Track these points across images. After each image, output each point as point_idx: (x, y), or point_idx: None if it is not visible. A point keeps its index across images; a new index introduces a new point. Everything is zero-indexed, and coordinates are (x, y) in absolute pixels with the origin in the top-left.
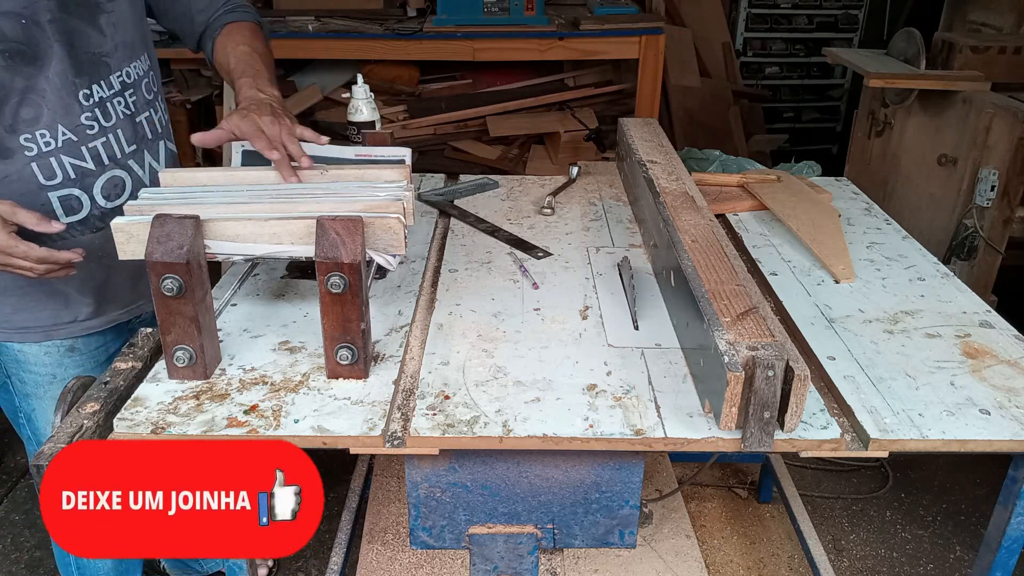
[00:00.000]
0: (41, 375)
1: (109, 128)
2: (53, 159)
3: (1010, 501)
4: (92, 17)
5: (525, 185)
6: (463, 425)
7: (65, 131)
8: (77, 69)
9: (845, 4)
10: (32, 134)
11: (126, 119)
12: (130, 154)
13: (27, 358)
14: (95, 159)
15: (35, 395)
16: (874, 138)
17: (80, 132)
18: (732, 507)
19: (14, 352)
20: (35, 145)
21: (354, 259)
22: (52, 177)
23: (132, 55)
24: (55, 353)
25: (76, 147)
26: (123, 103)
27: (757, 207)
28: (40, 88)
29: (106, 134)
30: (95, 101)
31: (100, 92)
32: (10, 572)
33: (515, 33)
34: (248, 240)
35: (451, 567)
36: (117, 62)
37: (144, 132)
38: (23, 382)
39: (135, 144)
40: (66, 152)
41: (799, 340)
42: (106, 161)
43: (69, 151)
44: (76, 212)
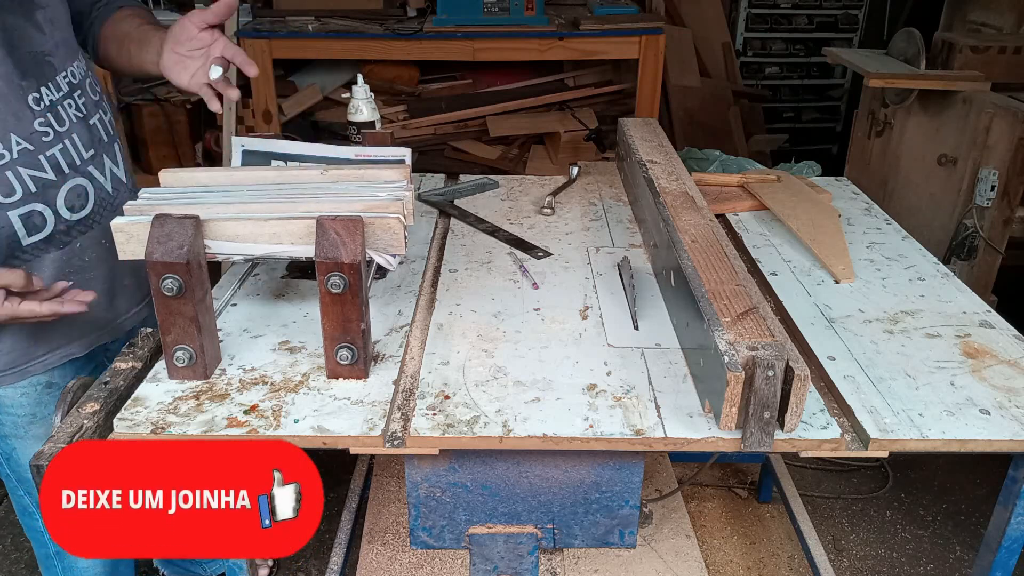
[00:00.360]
0: (20, 416)
1: (64, 133)
2: (10, 172)
3: (1010, 501)
4: (28, 13)
5: (525, 185)
6: (463, 425)
7: (19, 140)
8: (22, 71)
9: (845, 4)
10: None
11: (79, 122)
12: (89, 159)
13: (3, 400)
14: (55, 168)
15: (15, 435)
16: (874, 138)
17: (35, 140)
18: (732, 507)
19: None
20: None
21: (354, 259)
22: (11, 193)
23: (72, 54)
24: (32, 393)
25: (33, 156)
26: (74, 105)
27: (757, 207)
28: None
29: (62, 140)
30: (46, 105)
31: (50, 95)
32: (10, 572)
33: (515, 33)
34: (248, 240)
35: (451, 567)
36: (60, 61)
37: (99, 135)
38: (2, 424)
39: (92, 148)
40: (23, 163)
41: (799, 340)
42: (66, 169)
43: (26, 162)
44: (40, 230)
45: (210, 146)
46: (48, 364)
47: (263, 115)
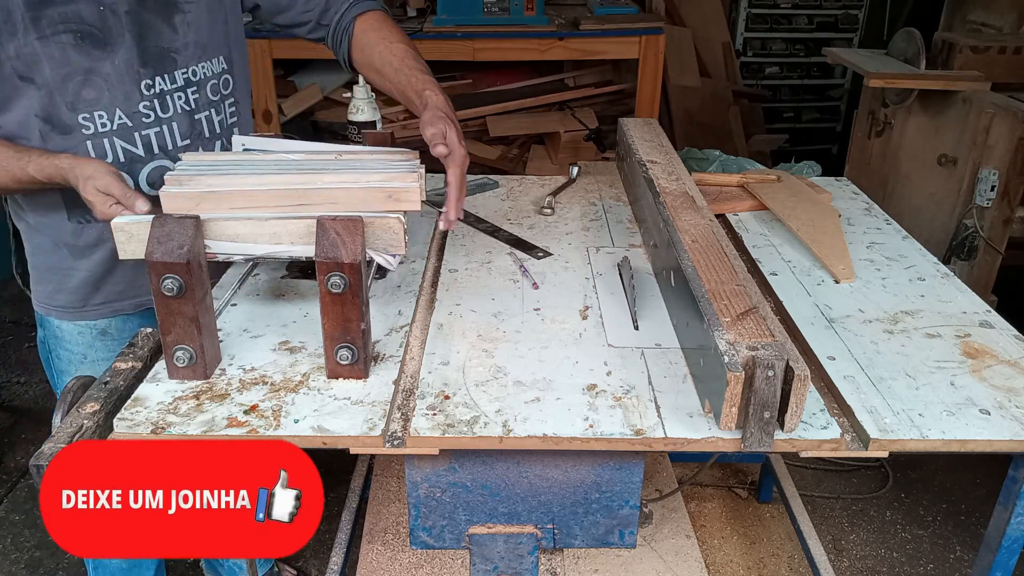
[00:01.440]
0: (74, 353)
1: (165, 120)
2: (106, 140)
3: (1010, 501)
4: (167, 14)
5: (525, 185)
6: (463, 425)
7: (122, 116)
8: (143, 59)
9: (845, 4)
10: (90, 114)
11: (184, 114)
12: (183, 147)
13: (64, 335)
14: (146, 147)
15: (68, 372)
16: (874, 138)
17: (136, 119)
18: (732, 507)
19: (54, 328)
20: (92, 124)
21: (354, 259)
22: (103, 157)
23: (203, 55)
24: (87, 334)
25: (130, 132)
26: (184, 98)
27: (757, 207)
28: (104, 72)
29: (161, 124)
30: (156, 92)
31: (162, 84)
32: (10, 572)
33: (515, 33)
34: (248, 240)
35: (451, 567)
36: (185, 59)
37: (201, 129)
38: (59, 358)
39: (190, 139)
40: (119, 136)
41: (799, 340)
42: (156, 150)
43: (122, 135)
44: None
45: None
46: (100, 313)
47: (263, 115)
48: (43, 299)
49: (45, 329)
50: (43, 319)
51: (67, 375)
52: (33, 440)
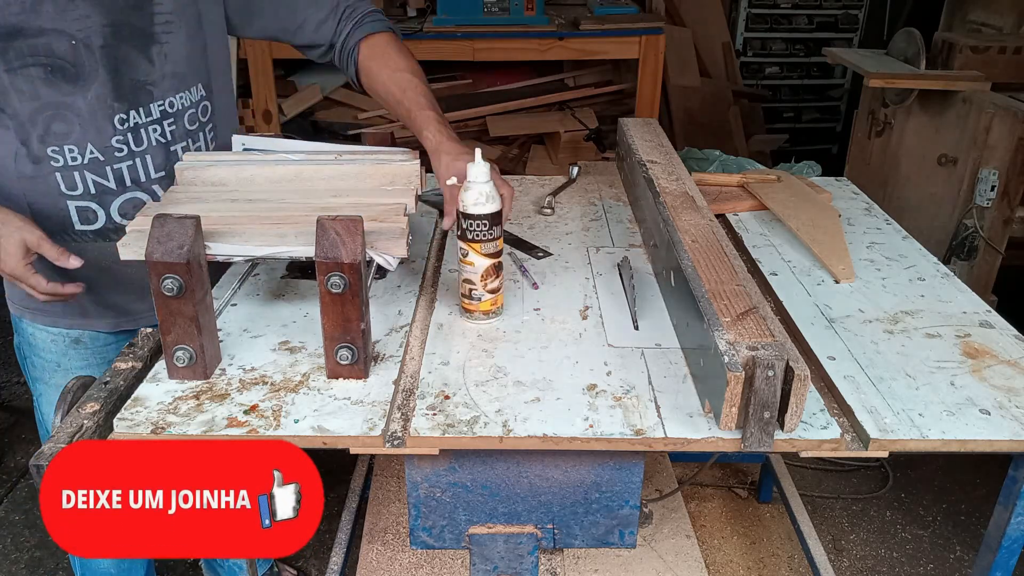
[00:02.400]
0: (47, 361)
1: (139, 153)
2: (77, 173)
3: (1010, 501)
4: (144, 46)
5: (525, 185)
6: (463, 425)
7: (93, 150)
8: (117, 94)
9: (845, 4)
10: (60, 147)
11: (159, 146)
12: (156, 179)
13: (37, 342)
14: (118, 180)
15: (41, 379)
16: (874, 138)
17: (108, 153)
18: (732, 507)
19: (28, 335)
20: (61, 158)
21: (354, 259)
22: (73, 188)
23: (180, 85)
24: (60, 342)
25: (101, 166)
26: (159, 131)
27: (757, 207)
28: (76, 107)
29: (134, 158)
30: (129, 126)
31: (136, 118)
32: (10, 572)
33: (515, 33)
34: (248, 240)
35: (451, 567)
36: (162, 91)
37: (177, 159)
38: (34, 365)
39: (164, 171)
40: (91, 169)
41: (799, 340)
42: (128, 183)
43: (94, 169)
44: (91, 223)
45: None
46: (72, 325)
47: (263, 115)
48: (17, 299)
49: (19, 335)
50: (17, 323)
51: (41, 383)
52: (33, 440)
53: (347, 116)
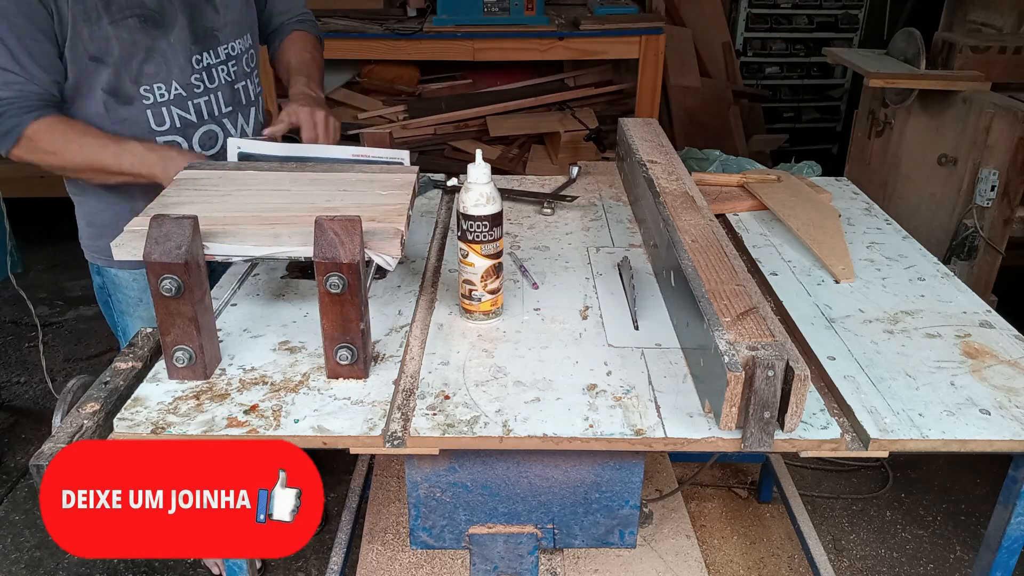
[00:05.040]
0: (131, 297)
1: (212, 89)
2: (164, 109)
3: (1010, 501)
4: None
5: (525, 185)
6: (463, 425)
7: (177, 87)
8: (194, 37)
9: (845, 4)
10: (151, 86)
11: (226, 84)
12: (226, 114)
13: (121, 281)
14: (197, 113)
15: (127, 313)
16: (874, 138)
17: (189, 89)
18: (732, 507)
19: (112, 275)
20: (152, 95)
21: (353, 259)
22: (162, 124)
23: (238, 33)
24: (141, 280)
25: (184, 101)
26: (225, 71)
27: (757, 207)
28: (162, 49)
29: (209, 94)
30: (204, 66)
31: (208, 59)
32: (10, 572)
33: (515, 33)
34: (247, 240)
35: (451, 567)
36: (226, 36)
37: (240, 98)
38: (119, 301)
39: (231, 106)
40: (176, 104)
41: (799, 340)
42: (206, 116)
43: (178, 104)
44: None
45: None
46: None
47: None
48: (102, 251)
49: (103, 277)
50: (101, 269)
51: (127, 315)
52: (33, 440)
53: (347, 116)
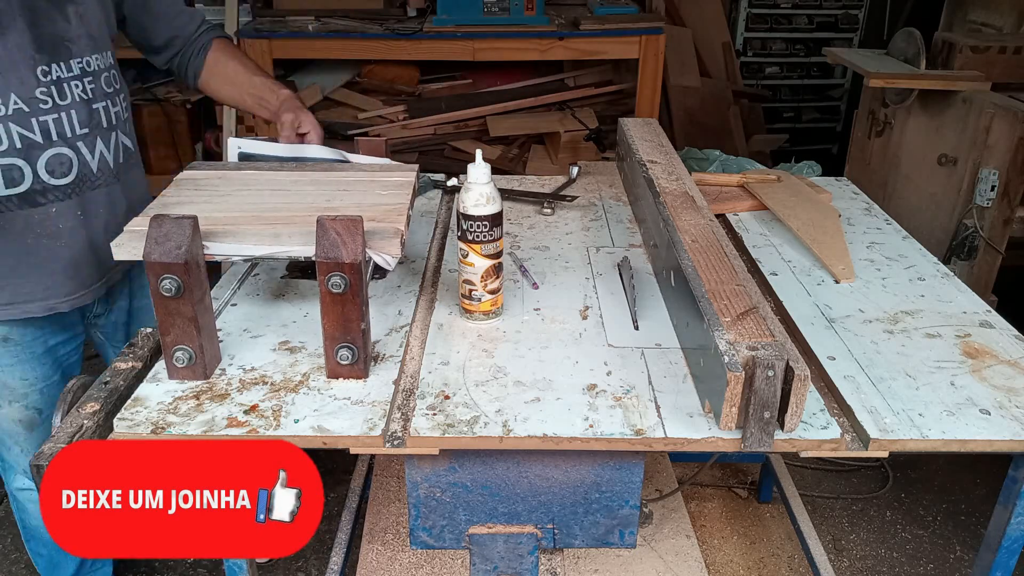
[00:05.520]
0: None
1: (63, 107)
2: (1, 126)
3: (1010, 501)
4: (60, 4)
5: (525, 185)
6: (463, 425)
7: (17, 100)
8: (38, 45)
9: (845, 4)
10: None
11: (82, 103)
12: (81, 136)
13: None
14: (44, 133)
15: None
16: (874, 138)
17: (33, 104)
18: (732, 507)
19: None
20: None
21: (355, 259)
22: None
23: (95, 47)
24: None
25: (26, 118)
26: (80, 87)
27: (757, 207)
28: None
29: (59, 111)
30: (52, 79)
31: (58, 71)
32: (10, 572)
33: (515, 33)
34: (247, 240)
35: (451, 567)
36: (79, 49)
37: (99, 119)
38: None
39: (87, 128)
40: (15, 121)
41: (799, 340)
42: (55, 137)
43: (19, 121)
44: (17, 184)
45: (210, 146)
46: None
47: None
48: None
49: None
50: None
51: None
52: None
53: (347, 116)
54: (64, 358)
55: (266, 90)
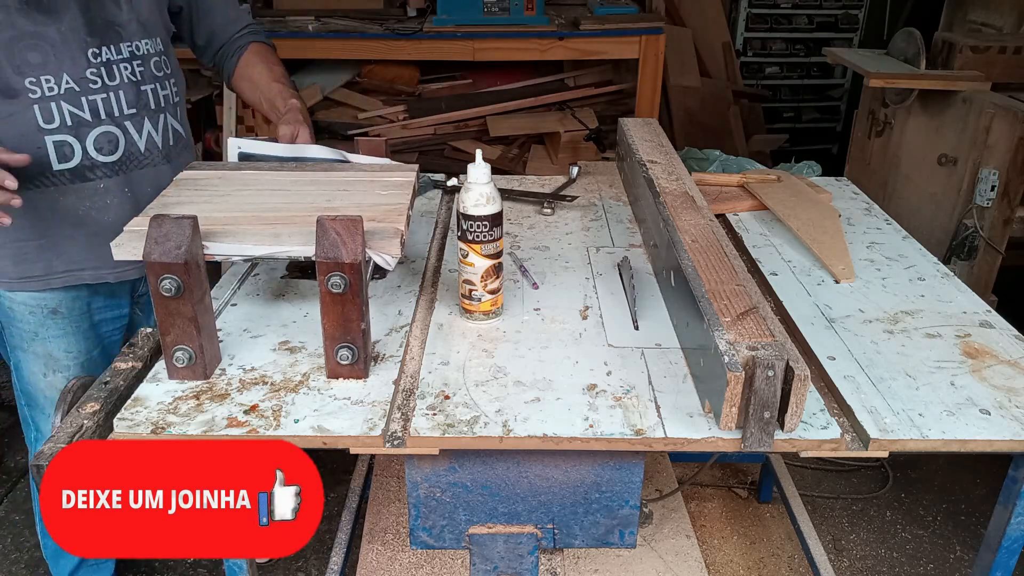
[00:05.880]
0: (25, 331)
1: (112, 87)
2: (54, 104)
3: (1010, 501)
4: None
5: (525, 185)
6: (463, 425)
7: (69, 80)
8: (90, 28)
9: (845, 4)
10: (36, 78)
11: (130, 84)
12: (129, 116)
13: (15, 313)
14: (92, 111)
15: (20, 348)
16: (874, 138)
17: (83, 84)
18: (732, 507)
19: (5, 306)
20: (39, 88)
21: (355, 259)
22: (50, 121)
23: (146, 33)
24: (39, 313)
25: (77, 97)
26: (130, 69)
27: (757, 207)
28: (50, 37)
29: (107, 91)
30: (103, 60)
31: (108, 54)
32: (10, 572)
33: (515, 33)
34: (247, 240)
35: (451, 567)
36: (130, 34)
37: (147, 101)
38: (11, 335)
39: (135, 108)
40: (67, 100)
41: (799, 340)
42: (103, 116)
43: (70, 99)
44: (68, 160)
45: (210, 145)
46: (66, 281)
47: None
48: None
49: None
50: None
51: (20, 350)
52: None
53: (347, 116)
54: (107, 335)
55: (278, 98)
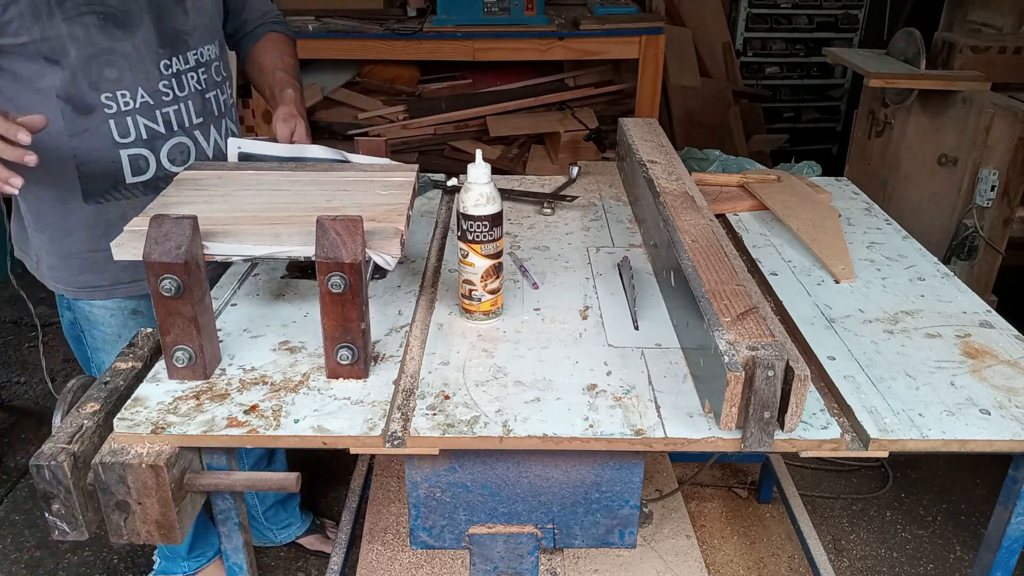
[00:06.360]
0: (108, 334)
1: (182, 98)
2: (129, 119)
3: (1010, 501)
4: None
5: (525, 185)
6: (463, 425)
7: (144, 94)
8: (161, 40)
9: (845, 4)
10: (113, 93)
11: (197, 93)
12: (197, 125)
13: (96, 318)
14: (166, 124)
15: (103, 350)
16: (874, 138)
17: (156, 97)
18: (732, 507)
19: (86, 311)
20: (115, 104)
21: (355, 259)
22: (126, 135)
23: (208, 39)
24: (120, 315)
25: (151, 110)
26: (195, 78)
27: (757, 207)
28: (126, 52)
29: (179, 103)
30: (173, 72)
31: (178, 64)
32: (10, 572)
33: (515, 33)
34: (247, 240)
35: (451, 567)
36: (195, 42)
37: (211, 108)
38: (94, 338)
39: (202, 117)
40: (142, 113)
41: (799, 340)
42: (175, 127)
43: (145, 113)
44: (143, 172)
45: None
46: (130, 292)
47: (263, 115)
48: (69, 283)
49: (75, 312)
50: (72, 303)
51: (103, 352)
52: (33, 440)
53: (347, 116)
54: None
55: (277, 87)
